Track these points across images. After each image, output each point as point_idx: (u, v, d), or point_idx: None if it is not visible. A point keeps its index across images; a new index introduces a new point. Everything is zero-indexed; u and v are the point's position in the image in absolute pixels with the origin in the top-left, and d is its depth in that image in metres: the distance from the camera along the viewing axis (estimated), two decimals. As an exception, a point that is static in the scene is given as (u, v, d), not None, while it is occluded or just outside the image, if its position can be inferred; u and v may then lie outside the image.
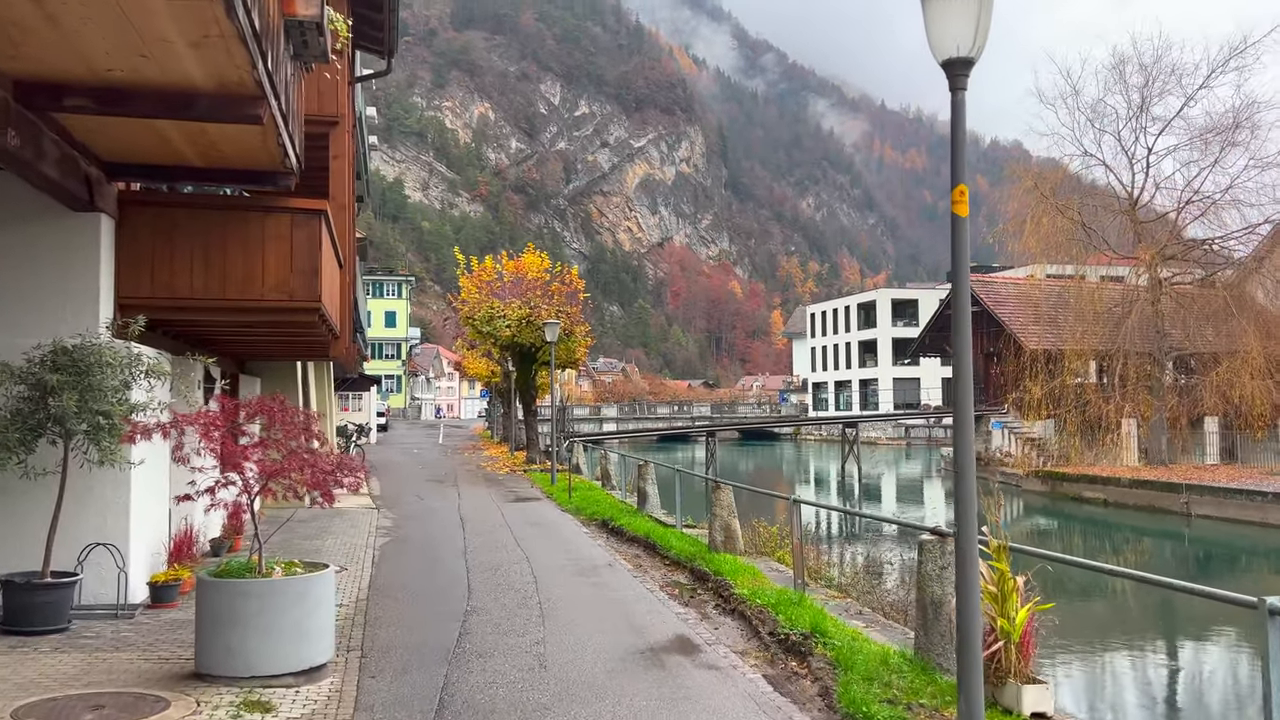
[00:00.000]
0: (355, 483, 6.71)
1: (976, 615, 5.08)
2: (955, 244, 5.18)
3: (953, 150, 5.16)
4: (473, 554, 12.76)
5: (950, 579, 6.91)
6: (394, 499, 20.60)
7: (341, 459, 6.74)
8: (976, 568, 5.16)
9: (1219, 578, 22.74)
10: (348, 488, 6.67)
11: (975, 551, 5.11)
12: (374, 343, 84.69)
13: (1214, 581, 21.27)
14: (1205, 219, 32.51)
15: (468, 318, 31.38)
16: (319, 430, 7.00)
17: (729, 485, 12.87)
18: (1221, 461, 35.10)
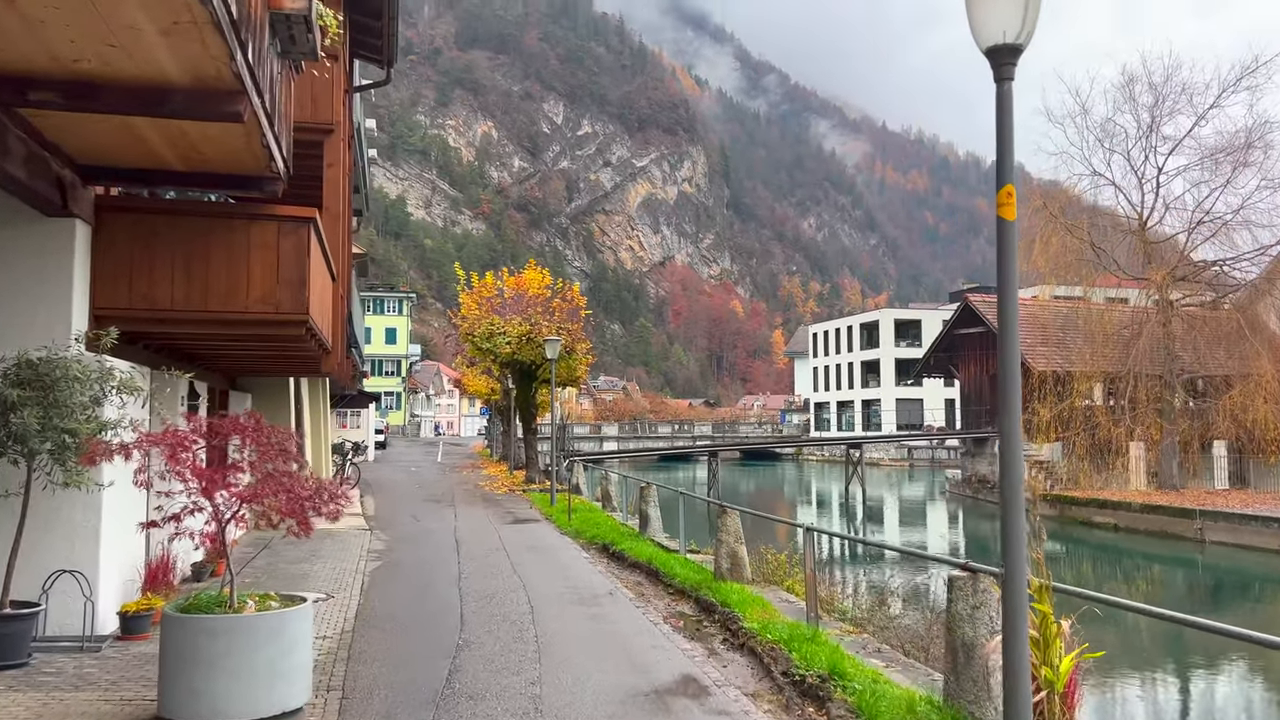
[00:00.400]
0: (335, 511, 6.16)
1: (1025, 666, 4.54)
2: (1001, 250, 4.66)
3: (999, 148, 4.64)
4: (467, 580, 12.18)
5: (983, 620, 6.36)
6: (389, 520, 20.01)
7: (320, 484, 6.19)
8: (1026, 614, 4.62)
9: (1234, 607, 22.11)
10: (327, 516, 6.12)
11: (1025, 596, 4.58)
12: (374, 359, 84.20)
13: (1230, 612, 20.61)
14: (1216, 240, 32.03)
15: (468, 334, 30.88)
16: (298, 451, 6.44)
17: (736, 510, 12.30)
18: (1232, 486, 34.49)
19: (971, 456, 45.37)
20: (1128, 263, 34.35)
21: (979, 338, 46.21)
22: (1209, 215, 31.63)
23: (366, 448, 40.21)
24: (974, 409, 47.40)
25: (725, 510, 12.22)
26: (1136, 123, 32.77)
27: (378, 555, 14.46)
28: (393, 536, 17.00)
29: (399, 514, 21.35)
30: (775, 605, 10.41)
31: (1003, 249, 4.67)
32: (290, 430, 6.70)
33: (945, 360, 49.14)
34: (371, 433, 49.47)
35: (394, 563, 13.78)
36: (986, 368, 46.25)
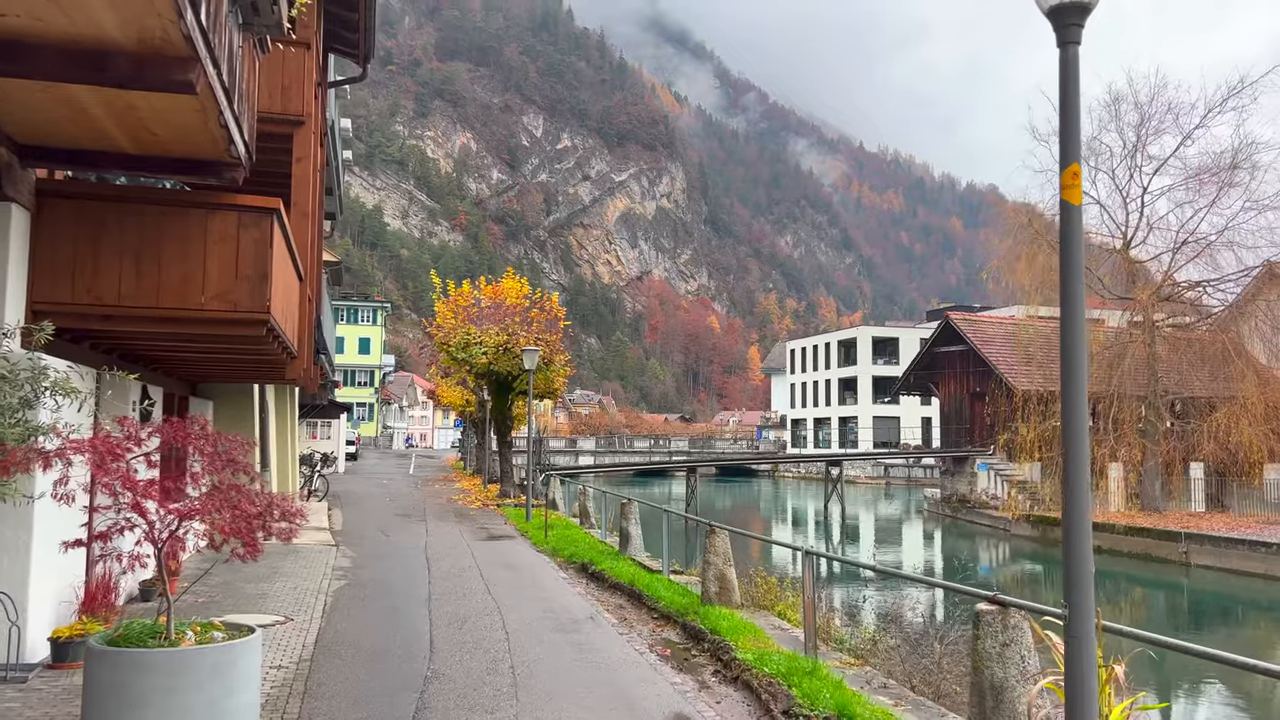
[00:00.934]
0: (288, 531, 5.42)
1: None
2: (1065, 239, 4.04)
3: (1063, 120, 4.02)
4: (438, 602, 11.40)
5: (1014, 659, 5.71)
6: (356, 535, 19.16)
7: (272, 499, 5.45)
8: (1094, 666, 3.97)
9: (1218, 633, 21.67)
10: (278, 536, 5.38)
11: (1093, 645, 3.94)
12: (347, 369, 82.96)
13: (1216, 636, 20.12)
14: (1200, 261, 31.80)
15: (443, 344, 30.05)
16: (247, 462, 5.71)
17: (725, 530, 11.62)
18: (1209, 509, 34.22)
19: (951, 475, 44.97)
20: (1112, 282, 34.11)
21: (959, 356, 45.95)
22: (1193, 236, 31.43)
23: (335, 459, 39.20)
24: (953, 428, 47.06)
25: (714, 530, 11.53)
26: (1122, 142, 32.58)
27: (343, 573, 13.64)
28: (360, 553, 16.18)
29: (368, 529, 20.49)
30: (768, 633, 9.74)
31: (1067, 238, 4.05)
32: (244, 439, 5.95)
33: (925, 378, 48.83)
34: (342, 444, 48.41)
35: (360, 582, 12.97)
36: (966, 386, 45.96)
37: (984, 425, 44.61)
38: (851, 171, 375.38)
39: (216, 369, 13.35)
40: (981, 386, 44.56)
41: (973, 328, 45.46)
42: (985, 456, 43.53)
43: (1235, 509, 33.88)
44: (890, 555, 37.21)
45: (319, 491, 27.25)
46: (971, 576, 31.09)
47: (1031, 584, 28.76)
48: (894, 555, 37.50)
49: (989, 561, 34.53)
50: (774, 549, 32.56)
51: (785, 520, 50.36)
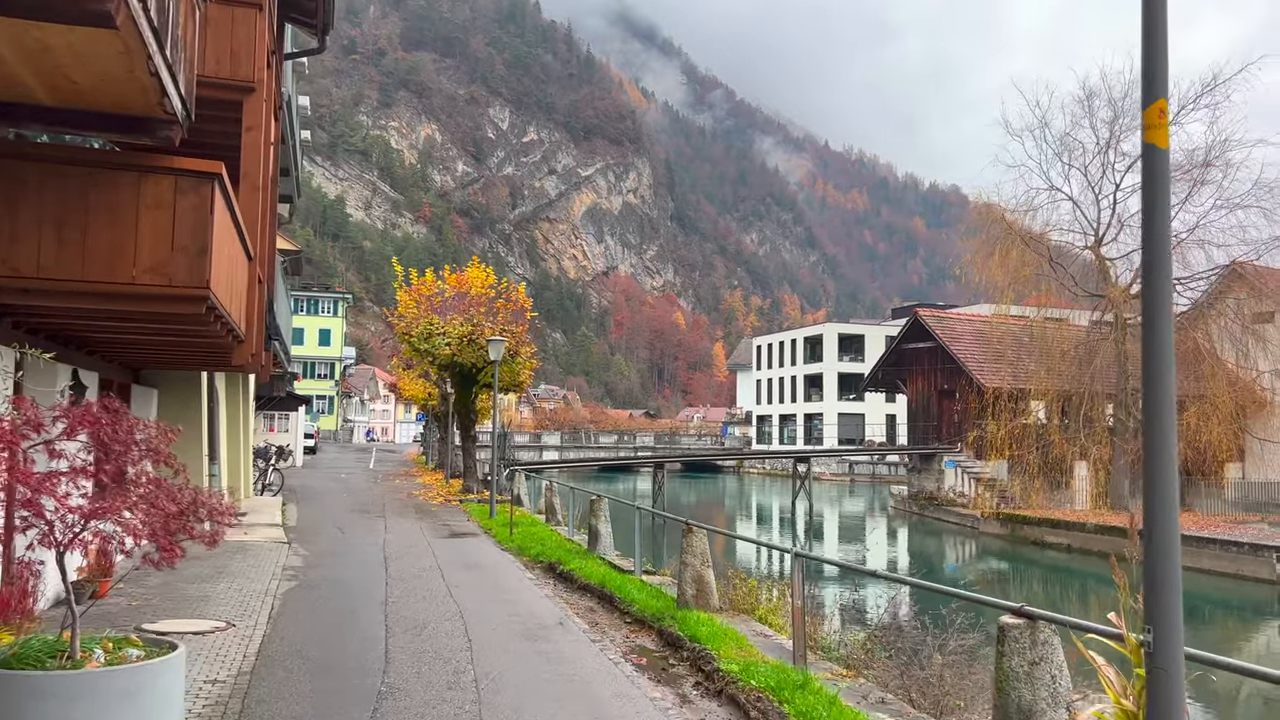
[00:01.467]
0: (212, 536, 4.64)
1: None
2: (1149, 187, 3.39)
3: (1147, 52, 3.38)
4: (395, 605, 10.61)
5: (1043, 679, 5.08)
6: (311, 531, 18.26)
7: (198, 496, 4.67)
8: (1183, 698, 3.33)
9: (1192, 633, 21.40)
10: (201, 540, 4.61)
11: (1182, 676, 3.29)
12: (306, 361, 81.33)
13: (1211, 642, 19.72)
14: (1172, 258, 31.64)
15: (404, 334, 29.10)
16: (170, 453, 4.92)
17: (703, 529, 10.94)
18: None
19: (918, 473, 44.72)
20: (1083, 278, 33.92)
21: (927, 353, 45.68)
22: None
23: (292, 452, 38.08)
24: (921, 425, 46.82)
25: (691, 529, 10.85)
26: (1095, 138, 32.38)
27: (294, 574, 12.78)
28: (314, 551, 15.31)
29: (323, 525, 19.59)
30: (750, 640, 9.08)
31: (1151, 186, 3.41)
32: (166, 426, 5.16)
33: (893, 375, 48.54)
34: (300, 437, 47.18)
35: (312, 583, 12.13)
36: (934, 383, 45.73)
37: (952, 423, 44.40)
38: (816, 170, 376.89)
39: (156, 353, 12.43)
40: (950, 384, 44.35)
41: (941, 324, 45.23)
42: (953, 454, 43.31)
43: (1200, 508, 33.86)
44: (859, 552, 36.83)
45: (273, 486, 26.26)
46: (939, 574, 30.74)
47: (1001, 582, 28.47)
48: (863, 552, 37.11)
49: (957, 559, 34.26)
50: (739, 544, 32.02)
51: (751, 516, 49.96)
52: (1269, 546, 23.67)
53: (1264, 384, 31.59)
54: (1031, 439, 32.71)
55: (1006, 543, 32.80)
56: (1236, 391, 30.67)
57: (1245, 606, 23.38)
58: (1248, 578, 23.99)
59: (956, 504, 41.07)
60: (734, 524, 45.22)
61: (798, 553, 7.96)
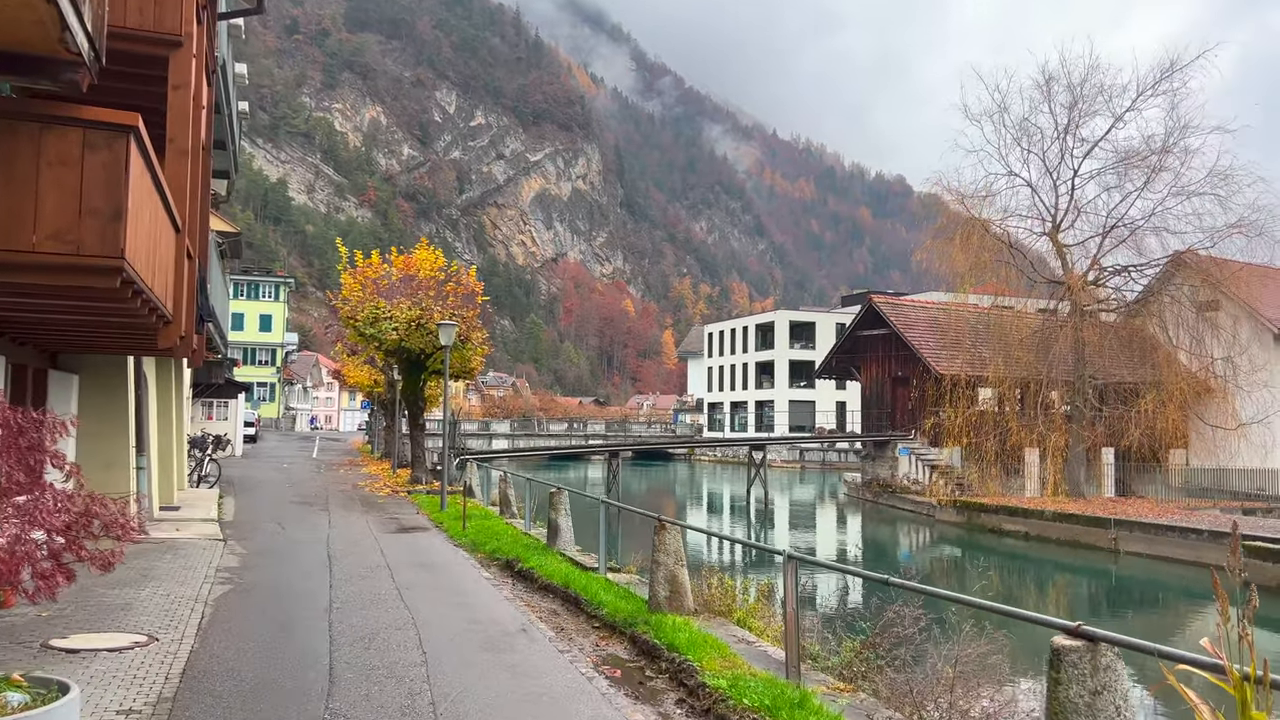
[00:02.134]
0: (105, 559, 3.71)
1: None
2: None
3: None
4: (341, 612, 9.67)
5: (1107, 711, 4.36)
6: (249, 527, 17.15)
7: (91, 506, 3.75)
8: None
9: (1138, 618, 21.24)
10: (92, 563, 3.68)
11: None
12: (247, 348, 79.07)
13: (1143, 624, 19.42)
14: (1127, 246, 31.60)
15: (349, 318, 27.85)
16: (58, 451, 3.97)
17: (677, 526, 10.15)
18: (1117, 494, 34.24)
19: (872, 460, 44.48)
20: (1040, 265, 33.75)
21: (881, 340, 45.43)
22: (1122, 220, 31.18)
23: (229, 442, 36.58)
24: (874, 412, 46.58)
25: (664, 526, 10.05)
26: (1054, 123, 32.15)
27: (229, 576, 11.74)
28: (251, 549, 14.24)
29: (262, 520, 18.46)
30: (733, 648, 8.31)
31: None
32: (54, 416, 4.21)
33: (847, 362, 48.23)
34: (240, 425, 45.56)
35: (247, 587, 11.11)
36: (888, 370, 45.49)
37: (906, 410, 44.20)
38: (765, 158, 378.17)
39: (72, 334, 11.28)
40: (904, 370, 44.14)
41: (896, 311, 44.97)
42: (906, 441, 43.13)
43: (1147, 494, 34.02)
44: (810, 539, 36.45)
45: (210, 477, 24.96)
46: (894, 561, 30.42)
47: (959, 572, 28.16)
48: (815, 539, 36.75)
49: (912, 546, 34.01)
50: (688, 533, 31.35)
51: (703, 504, 49.47)
52: (1229, 534, 23.53)
53: (1216, 371, 31.66)
54: (989, 426, 32.49)
55: (963, 530, 32.57)
56: (1185, 379, 30.71)
57: (1207, 595, 23.25)
58: (1207, 565, 23.86)
59: (911, 491, 40.88)
60: (684, 512, 44.67)
61: (791, 554, 7.20)
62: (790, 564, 7.23)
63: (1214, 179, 29.86)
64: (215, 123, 17.67)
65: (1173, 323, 32.01)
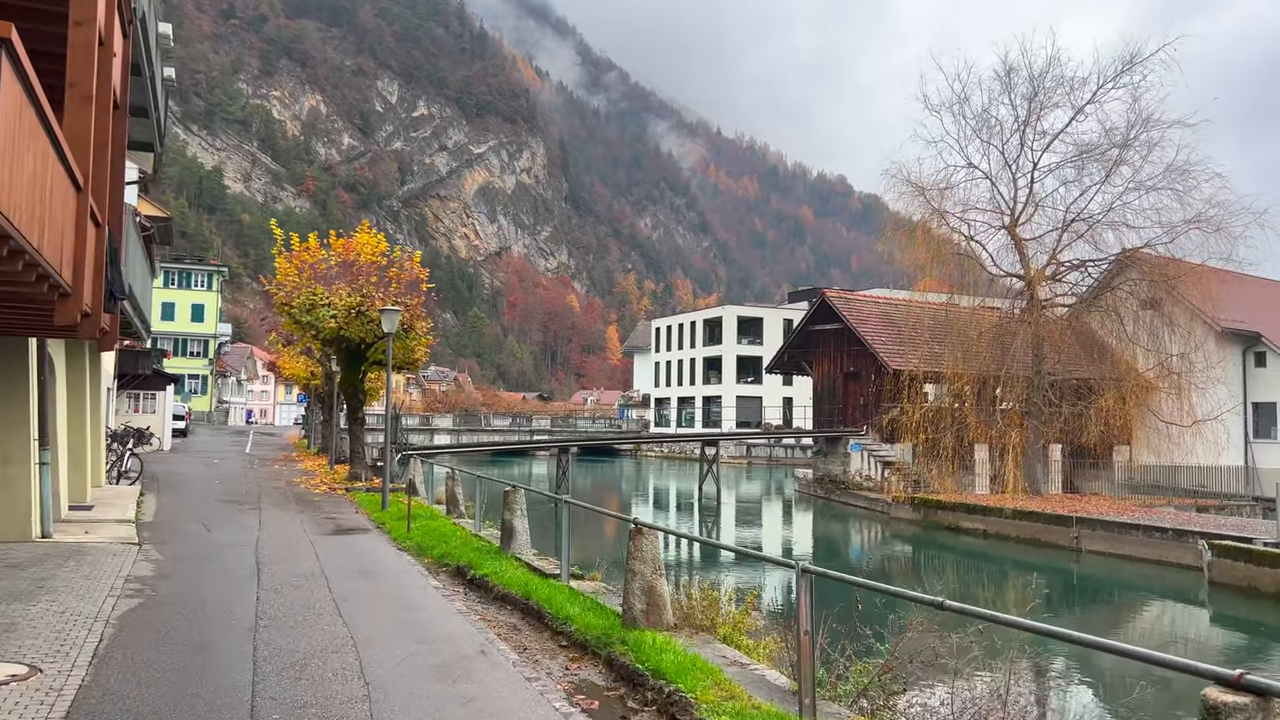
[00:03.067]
0: None
1: None
2: None
3: None
4: (268, 632, 8.35)
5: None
6: (169, 528, 15.61)
7: None
8: None
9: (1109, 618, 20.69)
10: None
11: None
12: (178, 338, 76.21)
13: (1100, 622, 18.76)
14: (1085, 240, 31.21)
15: (284, 305, 26.17)
16: None
17: (655, 531, 9.02)
18: (1064, 491, 33.95)
19: (824, 455, 43.84)
20: (999, 259, 33.27)
21: (834, 335, 44.83)
22: (1082, 214, 30.78)
23: (152, 435, 34.58)
24: (826, 407, 45.95)
25: (640, 531, 8.91)
26: (1014, 115, 31.66)
27: (139, 587, 10.29)
28: (169, 554, 12.77)
29: (185, 520, 16.91)
30: (727, 673, 7.19)
31: None
32: None
33: (799, 357, 47.53)
34: (168, 419, 43.36)
35: (160, 600, 9.69)
36: (840, 365, 44.90)
37: (858, 405, 43.66)
38: (709, 156, 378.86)
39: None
40: (856, 366, 43.59)
41: (849, 306, 44.38)
42: (859, 437, 42.56)
43: (1097, 491, 33.81)
44: (761, 535, 35.64)
45: (131, 473, 23.19)
46: (846, 559, 29.70)
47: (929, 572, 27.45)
48: (766, 535, 35.96)
49: (863, 544, 33.35)
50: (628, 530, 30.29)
51: (653, 500, 48.47)
52: (1193, 532, 23.13)
53: (1172, 366, 31.45)
54: (946, 422, 31.89)
55: (919, 528, 31.96)
56: (1142, 375, 30.46)
57: (1169, 594, 22.81)
58: (1171, 564, 23.45)
59: (864, 488, 40.31)
60: (631, 509, 43.64)
61: (805, 567, 6.10)
62: (805, 578, 6.14)
63: (1172, 174, 29.62)
64: (135, 85, 16.08)
65: (1129, 318, 31.73)
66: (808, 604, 6.14)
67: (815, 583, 6.20)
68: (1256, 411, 41.52)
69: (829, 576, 6.23)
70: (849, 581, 6.26)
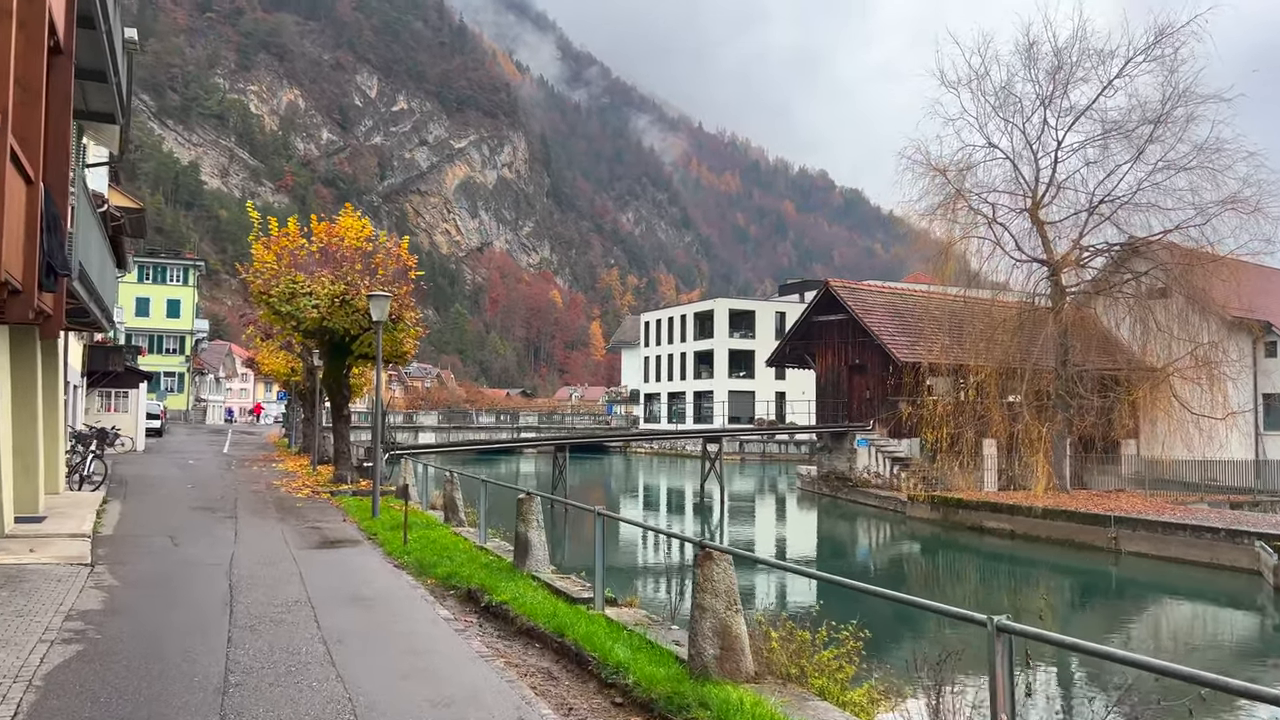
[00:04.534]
0: None
1: None
2: None
3: None
4: (241, 694, 6.45)
5: None
6: (131, 543, 13.64)
7: None
8: None
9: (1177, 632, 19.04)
10: None
11: None
12: (154, 335, 73.79)
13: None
14: (1112, 223, 29.53)
15: (261, 294, 24.08)
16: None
17: (725, 554, 7.18)
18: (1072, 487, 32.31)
19: (829, 452, 42.10)
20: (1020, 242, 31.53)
21: (838, 326, 43.13)
22: (1109, 196, 29.11)
23: (119, 435, 32.43)
24: (830, 401, 44.22)
25: (709, 555, 7.07)
26: (1035, 92, 29.93)
27: (81, 628, 8.33)
28: (126, 578, 10.81)
29: (150, 532, 14.94)
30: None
31: None
32: None
33: (801, 349, 45.76)
34: (141, 418, 41.19)
35: (105, 647, 7.73)
36: (845, 358, 43.19)
37: (863, 399, 41.99)
38: (691, 151, 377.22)
39: None
40: (861, 358, 41.92)
41: (854, 296, 42.66)
42: (865, 432, 40.88)
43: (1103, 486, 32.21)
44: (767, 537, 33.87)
45: (95, 477, 21.12)
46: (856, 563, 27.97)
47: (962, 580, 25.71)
48: (771, 537, 34.22)
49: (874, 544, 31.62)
50: (625, 531, 28.38)
51: (652, 500, 46.67)
52: (1248, 533, 21.52)
53: (1201, 356, 29.86)
54: (967, 416, 30.19)
55: (938, 528, 30.26)
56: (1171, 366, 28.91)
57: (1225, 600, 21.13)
58: (1223, 567, 21.82)
59: (872, 485, 38.65)
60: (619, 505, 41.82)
61: (1002, 625, 4.28)
62: (1002, 638, 4.30)
63: (1205, 153, 27.97)
64: (88, 41, 14.10)
65: (1159, 306, 30.05)
66: (1006, 676, 4.31)
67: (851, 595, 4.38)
68: (1267, 403, 40.18)
69: (1029, 634, 4.39)
70: (1060, 643, 4.42)
